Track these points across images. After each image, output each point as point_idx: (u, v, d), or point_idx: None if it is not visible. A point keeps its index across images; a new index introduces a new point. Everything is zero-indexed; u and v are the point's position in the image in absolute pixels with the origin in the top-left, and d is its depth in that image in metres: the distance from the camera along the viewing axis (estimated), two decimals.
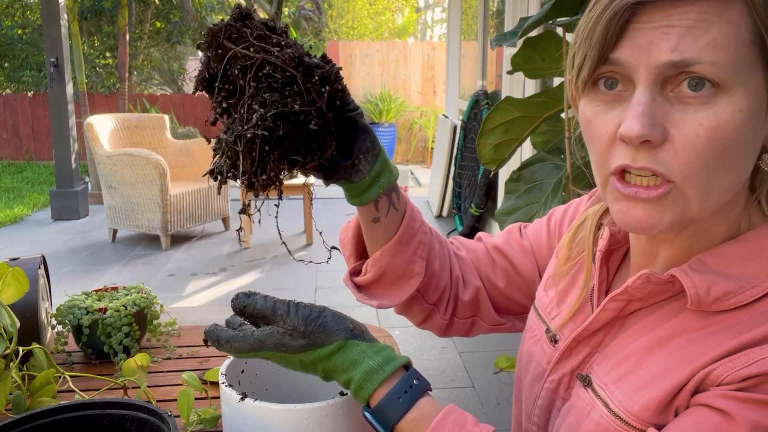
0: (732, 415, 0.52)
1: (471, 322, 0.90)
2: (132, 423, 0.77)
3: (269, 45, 0.61)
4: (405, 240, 0.78)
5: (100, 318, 1.17)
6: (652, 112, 0.53)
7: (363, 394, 0.65)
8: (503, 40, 1.51)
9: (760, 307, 0.56)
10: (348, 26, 13.61)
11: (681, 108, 0.53)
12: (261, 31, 0.61)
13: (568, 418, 0.67)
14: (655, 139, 0.53)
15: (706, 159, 0.53)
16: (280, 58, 0.60)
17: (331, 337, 0.66)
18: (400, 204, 0.77)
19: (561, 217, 0.86)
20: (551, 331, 0.75)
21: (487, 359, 3.20)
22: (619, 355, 0.64)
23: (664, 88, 0.54)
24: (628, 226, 0.58)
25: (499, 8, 5.40)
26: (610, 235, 0.71)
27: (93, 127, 5.06)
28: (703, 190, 0.55)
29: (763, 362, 0.52)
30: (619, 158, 0.56)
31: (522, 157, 3.43)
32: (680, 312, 0.60)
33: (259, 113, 0.59)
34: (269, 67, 0.60)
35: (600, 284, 0.71)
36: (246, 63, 0.60)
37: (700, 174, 0.54)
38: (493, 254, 0.90)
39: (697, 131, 0.52)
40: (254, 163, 0.60)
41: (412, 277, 0.80)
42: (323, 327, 0.66)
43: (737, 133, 0.53)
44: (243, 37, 0.61)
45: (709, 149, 0.53)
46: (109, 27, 9.64)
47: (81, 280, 4.31)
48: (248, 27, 0.61)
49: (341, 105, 0.67)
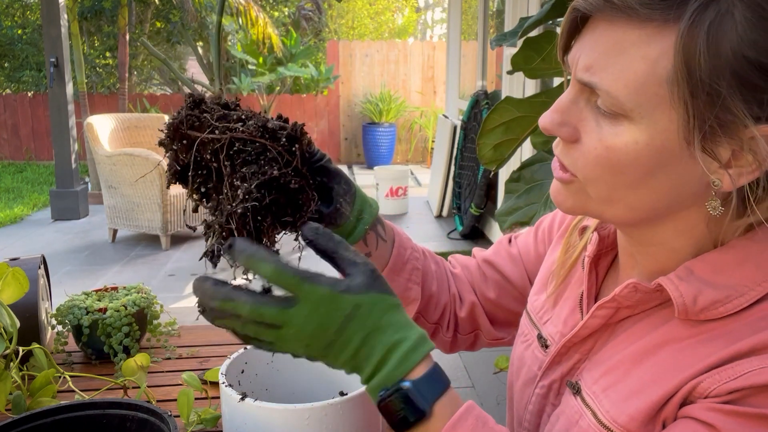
0: (718, 429, 0.52)
1: (473, 336, 0.92)
2: (132, 423, 0.77)
3: (232, 122, 0.63)
4: (397, 268, 0.80)
5: (100, 318, 1.17)
6: (567, 112, 0.58)
7: (415, 357, 0.56)
8: (503, 40, 1.51)
9: (748, 316, 0.56)
10: (348, 26, 13.61)
11: (595, 118, 0.57)
12: (220, 112, 0.63)
13: (557, 425, 0.67)
14: (563, 136, 0.59)
15: (601, 172, 0.57)
16: (246, 132, 0.62)
17: (391, 293, 0.59)
18: (387, 234, 0.79)
19: (549, 224, 0.88)
20: (543, 336, 0.75)
21: (487, 359, 3.20)
22: (608, 363, 0.63)
23: (592, 95, 0.57)
24: (551, 197, 0.64)
25: (499, 8, 5.40)
26: (599, 240, 0.71)
27: (93, 127, 5.06)
28: (604, 197, 0.59)
29: (750, 375, 0.52)
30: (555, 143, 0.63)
31: (522, 157, 3.43)
32: (669, 320, 0.60)
33: (243, 188, 0.60)
34: (239, 143, 0.62)
35: (589, 289, 0.71)
36: (216, 146, 0.62)
37: (599, 182, 0.58)
38: (484, 268, 0.91)
39: (596, 145, 0.56)
40: (250, 235, 0.61)
41: (408, 304, 0.82)
42: (383, 281, 0.59)
43: (630, 161, 0.55)
44: (205, 122, 0.63)
45: (603, 165, 0.56)
46: (109, 27, 9.64)
47: (81, 280, 4.31)
48: (206, 111, 0.63)
49: (310, 156, 0.69)
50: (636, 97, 0.53)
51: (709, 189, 0.55)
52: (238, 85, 9.01)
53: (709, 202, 0.56)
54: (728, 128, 0.52)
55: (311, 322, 0.56)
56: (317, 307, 0.55)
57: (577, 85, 0.58)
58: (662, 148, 0.54)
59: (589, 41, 0.56)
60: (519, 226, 1.55)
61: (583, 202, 0.61)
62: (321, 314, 0.55)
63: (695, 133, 0.52)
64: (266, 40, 8.28)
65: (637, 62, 0.52)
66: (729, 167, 0.54)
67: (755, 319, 0.55)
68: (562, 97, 0.59)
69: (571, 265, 0.75)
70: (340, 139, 9.40)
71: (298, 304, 0.55)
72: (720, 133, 0.52)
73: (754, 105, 0.51)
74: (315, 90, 9.43)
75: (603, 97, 0.55)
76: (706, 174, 0.54)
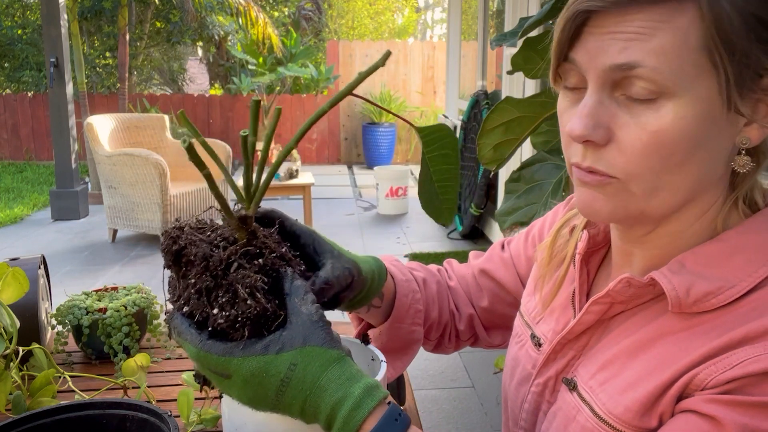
0: (719, 420, 0.52)
1: (473, 339, 0.94)
2: (132, 423, 0.77)
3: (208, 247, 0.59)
4: (400, 318, 0.81)
5: (100, 318, 1.17)
6: (596, 114, 0.56)
7: (359, 414, 0.54)
8: (503, 40, 1.51)
9: (740, 307, 0.56)
10: (348, 26, 13.61)
11: (627, 110, 0.56)
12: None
13: (554, 421, 0.68)
14: (598, 139, 0.56)
15: (649, 161, 0.56)
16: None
17: (332, 345, 0.56)
18: (385, 297, 0.79)
19: (540, 228, 0.89)
20: (536, 336, 0.76)
21: (487, 359, 3.20)
22: (603, 358, 0.64)
23: (614, 90, 0.56)
24: (580, 209, 0.61)
25: (499, 8, 5.40)
26: (589, 237, 0.71)
27: (93, 127, 5.06)
28: (649, 188, 0.57)
29: (746, 364, 0.52)
30: (573, 155, 0.60)
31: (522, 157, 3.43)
32: (662, 314, 0.61)
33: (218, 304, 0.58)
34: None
35: (581, 286, 0.72)
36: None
37: (645, 173, 0.56)
38: (479, 279, 0.93)
39: (640, 134, 0.55)
40: None
41: (413, 344, 0.84)
42: (325, 331, 0.57)
43: (680, 138, 0.54)
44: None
45: (652, 152, 0.55)
46: (109, 27, 9.64)
47: (81, 280, 4.31)
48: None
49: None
50: (680, 68, 0.53)
51: (736, 151, 0.58)
52: (238, 85, 9.01)
53: (735, 160, 0.58)
54: (755, 82, 0.54)
55: (247, 393, 0.56)
56: (249, 381, 0.55)
57: (601, 80, 0.56)
58: (707, 116, 0.54)
59: (609, 31, 0.55)
60: (519, 226, 1.56)
61: (625, 203, 0.59)
62: (254, 386, 0.55)
63: (734, 93, 0.54)
64: (266, 40, 8.28)
65: (671, 35, 0.52)
66: (758, 121, 0.56)
67: (747, 309, 0.56)
68: (583, 101, 0.57)
69: (559, 263, 0.76)
70: (340, 139, 9.40)
71: (232, 378, 0.56)
72: (752, 88, 0.55)
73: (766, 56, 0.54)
74: (315, 90, 9.43)
75: (642, 79, 0.53)
76: (736, 133, 0.57)
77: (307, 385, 0.55)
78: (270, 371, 0.55)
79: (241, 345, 0.55)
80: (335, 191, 7.39)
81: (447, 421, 2.71)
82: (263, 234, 0.61)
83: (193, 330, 0.57)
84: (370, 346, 0.81)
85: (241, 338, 0.56)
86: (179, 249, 0.59)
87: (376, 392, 0.55)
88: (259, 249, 0.59)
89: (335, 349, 0.56)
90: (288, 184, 5.10)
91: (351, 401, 0.54)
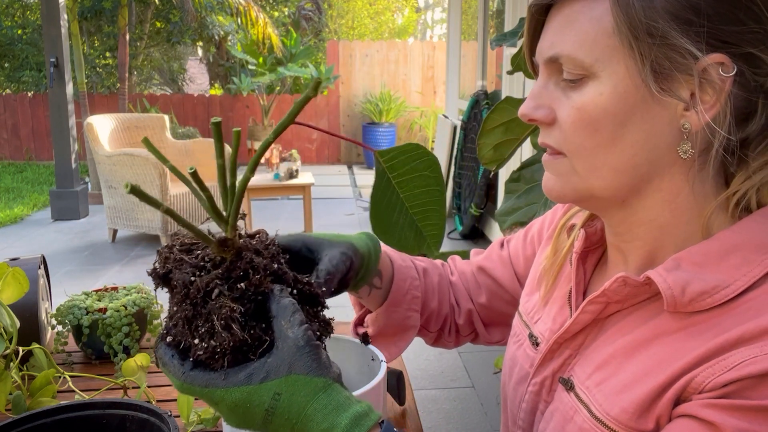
0: (718, 425, 0.52)
1: (473, 334, 0.95)
2: (132, 423, 0.77)
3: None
4: (396, 302, 0.82)
5: (100, 318, 1.17)
6: (540, 96, 0.63)
7: None
8: (503, 40, 1.51)
9: (735, 307, 0.56)
10: (348, 26, 13.61)
11: (563, 92, 0.62)
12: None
13: (552, 421, 0.68)
14: (541, 117, 0.63)
15: (579, 136, 0.60)
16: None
17: (319, 372, 0.54)
18: (384, 278, 0.81)
19: (539, 227, 0.89)
20: (533, 335, 0.76)
21: (487, 359, 3.20)
22: (599, 358, 0.64)
23: (557, 76, 0.62)
24: (544, 191, 0.66)
25: (499, 8, 5.40)
26: (586, 237, 0.72)
27: (93, 127, 5.06)
28: (588, 166, 0.61)
29: (743, 366, 0.52)
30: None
31: (522, 157, 3.43)
32: (658, 313, 0.61)
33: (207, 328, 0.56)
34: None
35: (577, 285, 0.72)
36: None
37: (580, 150, 0.61)
38: (477, 276, 0.94)
39: (569, 111, 0.61)
40: None
41: (408, 330, 0.85)
42: (314, 357, 0.54)
43: (602, 114, 0.59)
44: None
45: (579, 127, 0.60)
46: (109, 27, 9.65)
47: (81, 280, 4.31)
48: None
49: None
50: (592, 52, 0.58)
51: (681, 137, 0.59)
52: (238, 85, 9.01)
53: (680, 145, 0.59)
54: (679, 64, 0.56)
55: (235, 420, 0.55)
56: (234, 410, 0.55)
57: (545, 69, 0.63)
58: (625, 93, 0.58)
59: (549, 26, 0.62)
60: (519, 226, 1.55)
61: (572, 182, 0.63)
62: (240, 415, 0.55)
63: (649, 73, 0.57)
64: (266, 40, 8.29)
65: (586, 24, 0.58)
66: (693, 106, 0.57)
67: (742, 309, 0.56)
68: (534, 85, 0.65)
69: (560, 264, 0.76)
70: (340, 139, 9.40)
71: (218, 406, 0.55)
72: (673, 70, 0.56)
73: (693, 38, 0.55)
74: None
75: (566, 65, 0.60)
76: (675, 118, 0.58)
77: (293, 414, 0.53)
78: (254, 401, 0.53)
79: (223, 375, 0.54)
80: (335, 191, 7.40)
81: (447, 421, 2.71)
82: (253, 250, 0.59)
83: (176, 361, 0.56)
84: (370, 346, 0.81)
85: (221, 368, 0.55)
86: (166, 273, 0.58)
87: (365, 420, 0.53)
88: (243, 271, 0.57)
89: (322, 377, 0.54)
90: (288, 184, 5.09)
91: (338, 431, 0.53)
